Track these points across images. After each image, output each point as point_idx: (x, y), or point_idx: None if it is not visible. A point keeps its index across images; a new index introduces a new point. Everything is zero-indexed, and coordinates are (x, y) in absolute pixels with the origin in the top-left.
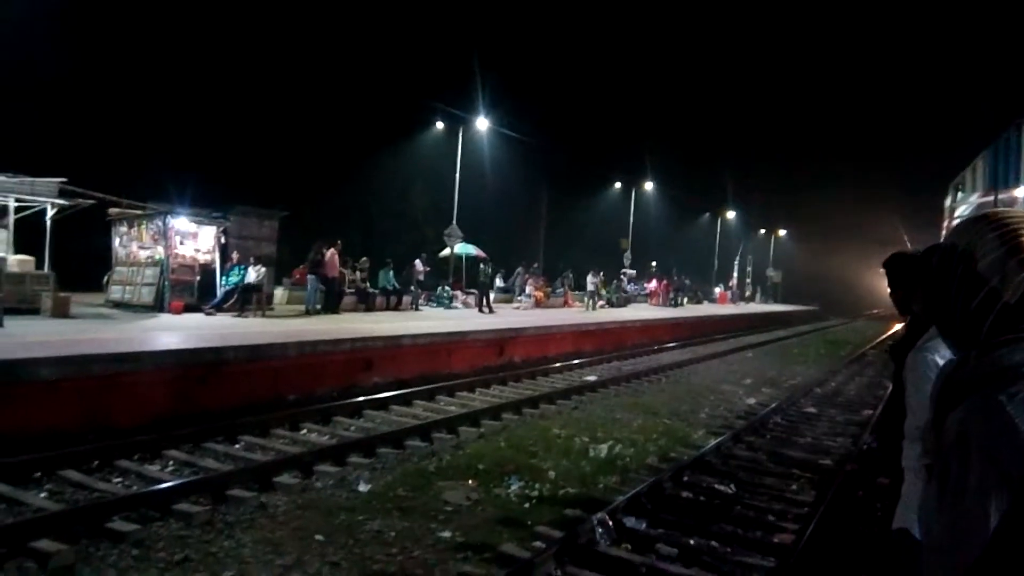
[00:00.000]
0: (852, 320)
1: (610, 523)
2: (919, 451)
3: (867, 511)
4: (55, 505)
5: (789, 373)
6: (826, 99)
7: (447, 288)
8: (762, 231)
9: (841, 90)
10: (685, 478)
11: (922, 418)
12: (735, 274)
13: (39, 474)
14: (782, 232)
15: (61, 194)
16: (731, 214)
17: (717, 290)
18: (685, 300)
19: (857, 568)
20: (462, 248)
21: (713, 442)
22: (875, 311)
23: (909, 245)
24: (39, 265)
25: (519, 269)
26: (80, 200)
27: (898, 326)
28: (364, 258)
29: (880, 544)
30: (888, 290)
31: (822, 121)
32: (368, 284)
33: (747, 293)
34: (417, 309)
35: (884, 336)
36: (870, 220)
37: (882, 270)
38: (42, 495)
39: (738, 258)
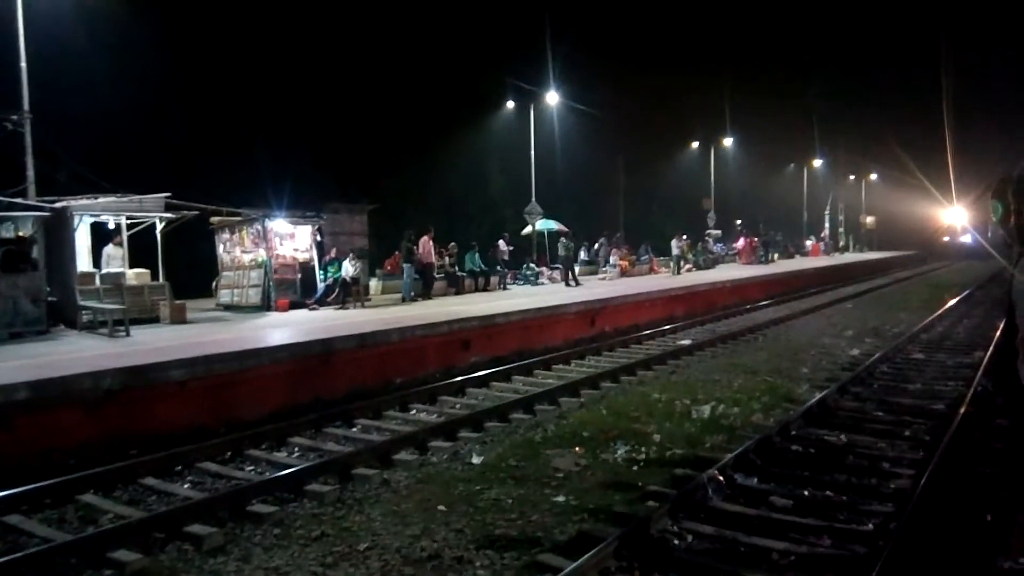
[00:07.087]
0: (957, 262)
1: (721, 479)
2: None
3: (987, 452)
4: (199, 494)
5: (893, 321)
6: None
7: (532, 265)
8: (852, 177)
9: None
10: (793, 432)
11: None
12: (827, 224)
13: (180, 467)
14: (874, 176)
15: (167, 208)
16: (818, 162)
17: (809, 242)
18: (776, 256)
19: (982, 508)
20: (543, 224)
21: (819, 395)
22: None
23: None
24: (154, 276)
25: (602, 240)
26: (185, 212)
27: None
28: (452, 243)
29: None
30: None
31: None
32: (456, 268)
33: (840, 243)
34: (505, 288)
35: (994, 274)
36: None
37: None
38: (185, 486)
39: (828, 207)
